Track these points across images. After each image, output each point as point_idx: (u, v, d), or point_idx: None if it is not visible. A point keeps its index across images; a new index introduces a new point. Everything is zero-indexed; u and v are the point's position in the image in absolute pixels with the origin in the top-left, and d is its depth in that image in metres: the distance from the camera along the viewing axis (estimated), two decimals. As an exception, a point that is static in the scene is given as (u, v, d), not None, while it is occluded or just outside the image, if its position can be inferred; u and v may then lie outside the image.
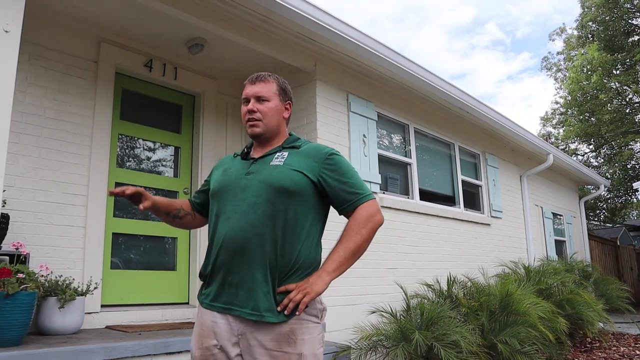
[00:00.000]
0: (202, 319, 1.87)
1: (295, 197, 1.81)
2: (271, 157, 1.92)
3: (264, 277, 1.75)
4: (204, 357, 1.83)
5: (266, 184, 1.82)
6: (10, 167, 3.82)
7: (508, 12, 62.16)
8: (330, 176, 1.88)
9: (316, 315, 1.84)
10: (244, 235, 1.77)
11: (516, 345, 4.55)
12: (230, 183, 1.89)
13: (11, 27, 2.92)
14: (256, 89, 1.97)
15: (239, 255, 1.77)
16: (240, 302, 1.77)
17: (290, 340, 1.74)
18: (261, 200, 1.79)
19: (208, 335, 1.82)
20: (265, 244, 1.76)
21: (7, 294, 2.89)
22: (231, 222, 1.81)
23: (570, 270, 8.04)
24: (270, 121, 1.96)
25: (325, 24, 4.46)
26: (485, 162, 7.84)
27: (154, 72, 4.94)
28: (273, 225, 1.77)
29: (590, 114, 21.23)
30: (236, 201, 1.83)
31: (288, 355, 1.73)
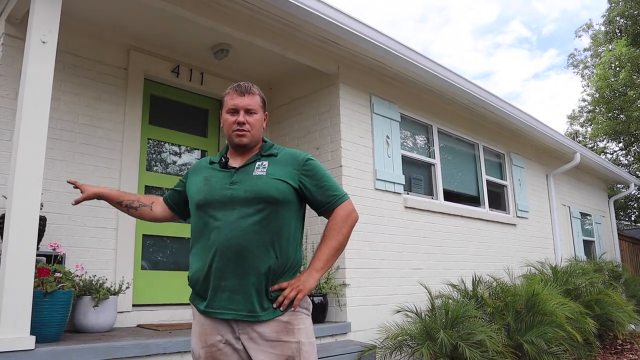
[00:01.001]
0: (201, 320, 1.97)
1: (281, 205, 1.93)
2: (252, 166, 2.01)
3: (258, 281, 1.87)
4: (209, 354, 1.91)
5: (253, 194, 1.91)
6: (47, 172, 3.96)
7: (533, 9, 61.19)
8: (308, 182, 2.01)
9: (307, 309, 1.99)
10: (237, 242, 1.87)
11: (543, 346, 4.53)
12: (215, 193, 1.96)
13: (48, 38, 3.06)
14: (246, 102, 2.04)
15: (233, 262, 1.87)
16: (236, 306, 1.87)
17: (288, 330, 1.88)
18: (250, 210, 1.90)
19: (211, 333, 1.92)
20: (258, 250, 1.88)
21: (45, 292, 3.03)
22: (223, 231, 1.89)
23: (599, 270, 7.91)
24: (257, 133, 2.07)
25: (348, 27, 4.52)
26: (510, 162, 7.79)
27: (181, 78, 5.07)
28: (263, 232, 1.89)
29: (619, 111, 20.79)
30: (224, 211, 1.92)
31: (288, 343, 1.87)
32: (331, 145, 4.99)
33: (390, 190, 5.34)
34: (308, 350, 1.90)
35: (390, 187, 5.33)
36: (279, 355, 1.85)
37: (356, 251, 4.76)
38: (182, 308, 4.69)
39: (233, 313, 1.87)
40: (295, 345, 1.87)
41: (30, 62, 3.00)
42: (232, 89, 2.09)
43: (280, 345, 1.86)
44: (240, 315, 1.87)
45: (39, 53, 3.03)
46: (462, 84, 5.96)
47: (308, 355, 1.89)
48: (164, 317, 4.52)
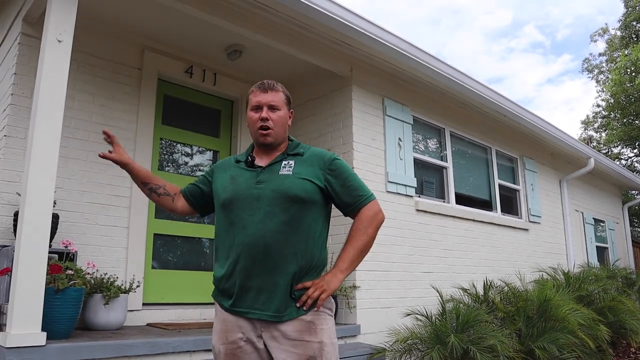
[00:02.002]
0: (223, 315, 1.96)
1: (307, 204, 1.93)
2: (278, 165, 2.00)
3: (284, 281, 1.87)
4: (229, 351, 1.90)
5: (279, 194, 1.91)
6: (60, 170, 3.99)
7: (548, 14, 60.77)
8: (334, 182, 2.00)
9: (330, 309, 1.98)
10: (264, 242, 1.86)
11: (554, 352, 4.48)
12: (242, 192, 1.95)
13: (64, 37, 3.09)
14: (269, 98, 2.03)
15: (259, 262, 1.86)
16: (261, 306, 1.87)
17: (311, 329, 1.87)
18: (277, 209, 1.89)
19: (232, 330, 1.91)
20: (285, 250, 1.87)
21: (57, 289, 3.05)
22: (249, 230, 1.89)
23: (613, 277, 7.81)
24: (281, 130, 2.05)
25: (362, 29, 4.51)
26: (523, 167, 7.73)
27: (194, 78, 5.09)
28: (290, 232, 1.89)
29: (635, 117, 20.54)
30: (251, 210, 1.91)
31: (310, 343, 1.85)
32: (343, 147, 4.99)
33: (401, 193, 5.31)
34: (330, 351, 1.89)
35: (401, 190, 5.31)
36: (300, 355, 1.83)
37: (367, 253, 4.73)
38: (191, 307, 4.70)
39: (259, 313, 1.87)
40: (317, 345, 1.86)
41: (46, 61, 3.03)
42: (255, 87, 2.09)
43: (303, 345, 1.85)
44: (265, 315, 1.86)
45: (54, 52, 3.06)
46: (476, 87, 5.92)
47: (330, 356, 1.88)
48: (174, 316, 4.53)
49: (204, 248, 5.17)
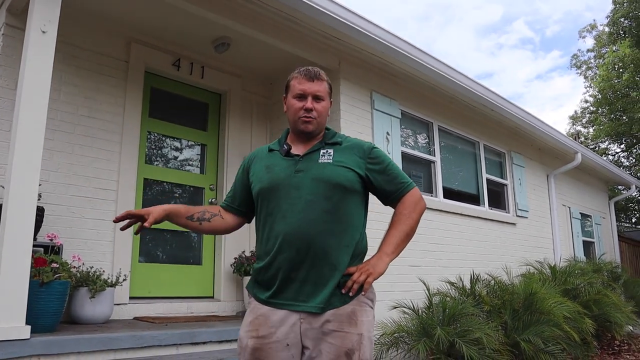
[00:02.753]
0: (257, 308, 1.88)
1: (348, 192, 1.89)
2: (317, 154, 1.95)
3: (329, 271, 1.82)
4: (259, 346, 1.81)
5: (321, 182, 1.86)
6: (45, 163, 3.97)
7: (537, 10, 61.04)
8: (375, 170, 1.97)
9: (372, 300, 1.93)
10: (307, 232, 1.81)
11: (540, 344, 4.53)
12: (280, 181, 1.90)
13: (48, 28, 3.06)
14: (315, 88, 1.96)
15: (303, 252, 1.81)
16: (305, 298, 1.81)
17: (351, 321, 1.81)
18: (318, 198, 1.84)
19: (265, 324, 1.83)
20: (329, 239, 1.83)
21: (42, 282, 3.03)
22: (290, 220, 1.83)
23: (598, 271, 7.89)
24: (323, 120, 2.00)
25: (350, 22, 4.51)
26: (511, 161, 7.77)
27: (182, 71, 5.06)
28: (332, 220, 1.84)
29: (622, 113, 20.73)
30: (291, 199, 1.86)
31: (350, 335, 1.79)
32: (331, 141, 4.98)
33: (389, 187, 5.32)
34: (367, 345, 1.83)
35: (389, 184, 5.31)
36: (339, 347, 1.77)
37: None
38: (179, 301, 4.69)
39: (302, 305, 1.80)
40: (356, 338, 1.80)
41: (30, 52, 3.00)
42: (299, 74, 2.01)
43: (342, 336, 1.78)
44: (310, 307, 1.80)
45: (38, 43, 3.03)
46: (464, 82, 5.94)
47: (366, 350, 1.82)
48: (161, 310, 4.52)
49: (191, 242, 5.15)
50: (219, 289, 5.05)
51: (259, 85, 5.74)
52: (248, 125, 5.58)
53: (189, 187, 5.21)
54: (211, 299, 5.02)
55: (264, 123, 5.75)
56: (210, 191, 5.27)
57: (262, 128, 5.71)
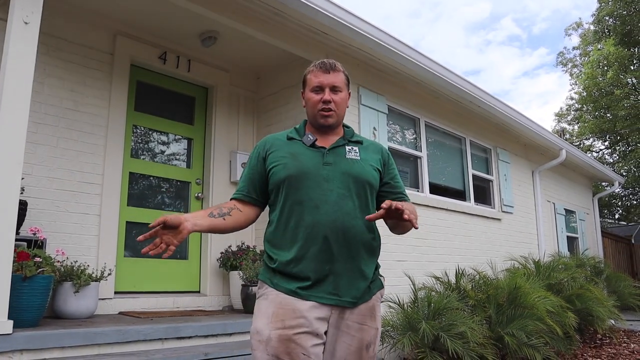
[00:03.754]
0: (280, 298, 1.79)
1: (373, 190, 1.95)
2: (342, 149, 1.96)
3: (363, 265, 1.85)
4: (286, 337, 1.72)
5: (351, 177, 1.88)
6: (29, 156, 3.93)
7: (525, 7, 61.44)
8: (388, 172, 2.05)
9: (383, 296, 1.99)
10: (343, 225, 1.81)
11: (523, 338, 4.58)
12: (309, 170, 1.86)
13: (31, 18, 3.01)
14: (332, 79, 1.96)
15: (338, 246, 1.80)
16: (340, 291, 1.80)
17: (372, 315, 1.87)
18: (349, 193, 1.86)
19: (292, 314, 1.76)
20: (362, 234, 1.85)
21: (24, 277, 3.00)
22: (322, 211, 1.81)
23: (582, 266, 8.00)
24: (342, 112, 1.99)
25: (338, 17, 4.50)
26: (496, 157, 7.84)
27: (168, 65, 5.02)
28: (362, 217, 1.85)
29: (606, 110, 20.99)
30: (322, 190, 1.84)
31: (369, 328, 1.86)
32: (318, 136, 4.97)
33: (376, 182, 5.34)
34: (379, 339, 1.92)
35: (376, 179, 5.33)
36: (360, 339, 1.82)
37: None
38: (165, 296, 4.67)
39: (336, 299, 1.79)
40: (374, 332, 1.87)
41: (12, 43, 2.95)
42: (315, 67, 2.00)
43: (363, 329, 1.84)
44: (343, 302, 1.80)
45: (20, 34, 2.98)
46: (450, 77, 5.97)
47: (378, 344, 1.91)
48: (147, 304, 4.50)
49: (177, 236, 5.12)
50: (205, 283, 5.04)
51: (246, 80, 5.72)
52: (235, 120, 5.56)
53: (175, 181, 5.18)
54: (197, 294, 5.01)
55: (251, 117, 5.73)
56: (197, 185, 5.25)
57: (249, 122, 5.69)
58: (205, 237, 5.14)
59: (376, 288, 1.92)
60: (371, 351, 1.85)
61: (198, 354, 3.23)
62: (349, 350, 1.81)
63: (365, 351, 1.83)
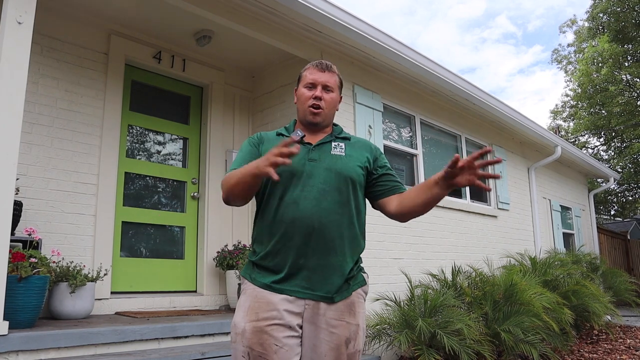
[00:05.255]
0: (257, 293, 1.84)
1: (356, 186, 1.94)
2: (328, 145, 1.98)
3: (339, 261, 1.85)
4: (258, 328, 1.77)
5: (334, 173, 1.90)
6: (24, 156, 3.92)
7: (519, 5, 61.61)
8: (380, 165, 2.05)
9: (366, 293, 2.00)
10: (320, 220, 1.82)
11: (520, 335, 4.59)
12: (293, 167, 1.87)
13: (24, 18, 3.00)
14: (325, 78, 2.00)
15: (314, 241, 1.82)
16: (313, 286, 1.82)
17: (351, 311, 1.88)
18: (330, 188, 1.87)
19: (266, 307, 1.80)
20: (340, 229, 1.86)
21: (20, 278, 2.99)
22: (301, 207, 1.83)
23: (578, 262, 8.03)
24: (331, 112, 2.02)
25: (332, 16, 4.49)
26: (492, 154, 7.84)
27: (163, 64, 5.01)
28: (343, 212, 1.87)
29: (601, 107, 21.06)
30: (303, 186, 1.86)
31: (348, 324, 1.86)
32: (313, 134, 4.97)
33: (372, 180, 5.34)
34: (361, 335, 1.91)
35: (372, 177, 5.33)
36: (339, 336, 1.83)
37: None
38: (161, 296, 4.67)
39: (310, 293, 1.82)
40: (354, 328, 1.87)
41: (5, 43, 2.94)
42: (312, 65, 2.05)
43: (342, 326, 1.84)
44: (316, 296, 1.82)
45: (14, 34, 2.97)
46: (445, 75, 5.97)
47: (360, 340, 1.90)
48: (143, 304, 4.49)
49: (174, 236, 5.12)
50: (202, 283, 5.04)
51: (241, 79, 5.71)
52: (230, 119, 5.55)
53: (171, 180, 5.17)
54: (194, 293, 5.01)
55: (247, 116, 5.72)
56: (193, 185, 5.24)
57: (244, 121, 5.69)
58: (202, 237, 5.14)
59: (357, 285, 1.92)
60: (352, 347, 1.85)
61: (195, 353, 3.23)
62: (329, 347, 1.82)
63: (344, 347, 1.83)
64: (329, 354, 1.82)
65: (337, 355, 1.82)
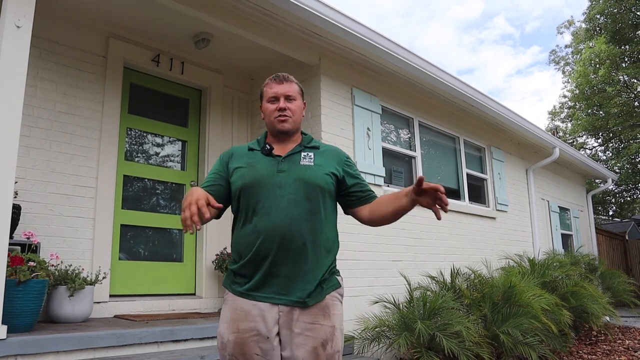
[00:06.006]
0: (236, 304, 1.93)
1: (326, 194, 2.01)
2: (298, 155, 2.05)
3: (310, 268, 1.92)
4: (240, 340, 1.88)
5: (303, 183, 1.96)
6: (22, 160, 3.92)
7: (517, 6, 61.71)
8: (351, 174, 2.11)
9: (342, 295, 2.05)
10: (290, 229, 1.89)
11: (518, 336, 4.60)
12: (263, 179, 1.96)
13: (23, 22, 3.00)
14: (285, 88, 2.07)
15: (285, 249, 1.89)
16: (287, 292, 1.89)
17: (325, 314, 1.93)
18: (300, 198, 1.94)
19: (245, 318, 1.90)
20: (311, 236, 1.93)
21: (18, 281, 2.99)
22: (273, 217, 1.90)
23: (576, 263, 8.04)
24: (298, 119, 2.10)
25: (330, 19, 4.50)
26: (490, 156, 7.86)
27: (162, 67, 5.01)
28: (312, 220, 1.94)
29: (598, 108, 21.09)
30: (274, 197, 1.93)
31: (324, 327, 1.91)
32: (312, 137, 4.98)
33: (370, 182, 5.34)
34: (339, 336, 1.96)
35: (370, 179, 5.34)
36: (315, 338, 1.88)
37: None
38: (160, 299, 4.66)
39: (283, 299, 1.89)
40: (330, 330, 1.92)
41: (4, 47, 2.94)
42: (270, 80, 2.12)
43: (317, 328, 1.90)
44: (290, 302, 1.89)
45: (13, 38, 2.97)
46: (443, 77, 5.98)
47: (338, 341, 1.95)
48: (142, 308, 4.49)
49: (173, 239, 5.12)
50: (201, 285, 5.03)
51: (240, 81, 5.72)
52: (229, 122, 5.55)
53: (170, 183, 5.17)
54: (193, 296, 5.00)
55: (245, 119, 5.72)
56: (191, 187, 5.23)
57: (243, 124, 5.69)
58: (201, 239, 5.14)
59: (331, 288, 1.97)
60: (329, 349, 1.90)
61: (194, 356, 3.23)
62: (305, 350, 1.87)
63: (321, 349, 1.88)
64: (307, 357, 1.88)
65: (315, 358, 1.88)
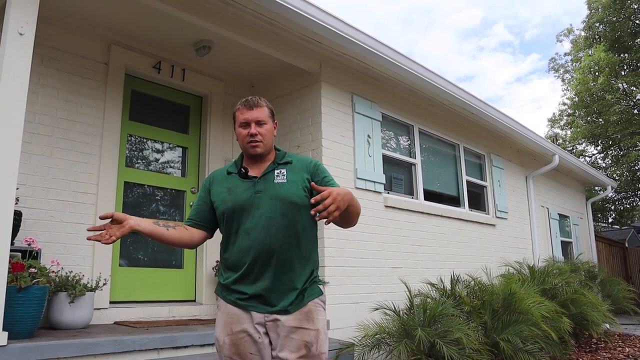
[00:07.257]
0: (228, 309, 2.12)
1: (302, 208, 2.12)
2: (272, 174, 2.17)
3: (290, 279, 2.08)
4: (234, 341, 2.07)
5: (277, 201, 2.10)
6: (23, 166, 3.92)
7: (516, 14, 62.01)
8: (317, 175, 2.20)
9: (324, 302, 2.20)
10: (270, 246, 2.06)
11: (519, 344, 4.59)
12: (243, 202, 2.12)
13: (25, 29, 3.02)
14: (255, 114, 2.18)
15: (266, 264, 2.06)
16: (271, 302, 2.07)
17: (309, 318, 2.08)
18: (276, 215, 2.08)
19: (237, 322, 2.09)
20: (290, 251, 2.09)
21: (19, 288, 2.99)
22: (253, 236, 2.07)
23: (576, 270, 8.04)
24: (269, 142, 2.22)
25: (331, 27, 4.53)
26: (490, 163, 7.88)
27: (163, 74, 5.04)
28: (290, 234, 2.10)
29: (598, 115, 21.12)
30: (253, 218, 2.09)
31: (308, 330, 2.06)
32: (312, 144, 5.00)
33: (370, 189, 5.36)
34: (323, 339, 2.10)
35: (370, 186, 5.35)
36: (299, 340, 2.03)
37: (336, 249, 4.78)
38: (160, 305, 4.66)
39: (268, 309, 2.06)
40: (314, 333, 2.06)
41: (7, 54, 2.96)
42: (241, 105, 2.23)
43: (301, 331, 2.04)
44: (274, 311, 2.06)
45: (15, 45, 2.99)
46: (443, 85, 6.01)
47: (323, 343, 2.09)
48: (142, 314, 4.48)
49: (173, 245, 5.11)
50: (201, 292, 5.03)
51: (240, 88, 5.74)
52: (230, 128, 5.57)
53: (170, 190, 5.18)
54: (193, 303, 5.00)
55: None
56: (192, 194, 5.25)
57: (243, 131, 5.69)
58: (201, 246, 5.11)
59: (312, 296, 2.12)
60: (314, 350, 2.04)
61: (194, 363, 3.22)
62: (290, 350, 2.02)
63: (307, 350, 2.03)
64: (294, 357, 2.02)
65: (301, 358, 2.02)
